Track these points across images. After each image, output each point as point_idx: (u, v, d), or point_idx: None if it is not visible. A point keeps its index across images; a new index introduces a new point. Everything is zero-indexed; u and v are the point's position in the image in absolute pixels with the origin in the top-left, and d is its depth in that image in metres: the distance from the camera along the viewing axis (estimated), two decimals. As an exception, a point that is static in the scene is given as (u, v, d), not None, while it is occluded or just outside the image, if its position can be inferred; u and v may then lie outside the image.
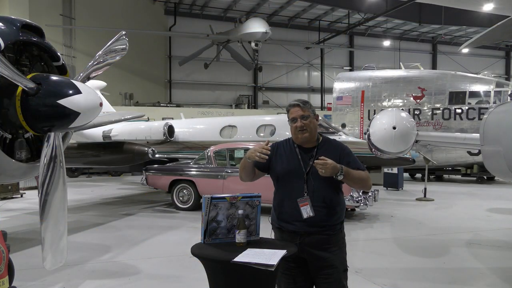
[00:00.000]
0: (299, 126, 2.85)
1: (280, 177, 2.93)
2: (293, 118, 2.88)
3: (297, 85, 28.30)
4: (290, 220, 2.83)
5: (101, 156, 9.42)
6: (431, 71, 17.83)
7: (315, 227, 2.78)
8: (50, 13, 19.19)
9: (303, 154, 2.88)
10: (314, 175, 2.79)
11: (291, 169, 2.86)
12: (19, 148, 3.03)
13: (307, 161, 2.85)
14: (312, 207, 2.76)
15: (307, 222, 2.77)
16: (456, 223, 8.30)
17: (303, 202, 2.77)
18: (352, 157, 2.90)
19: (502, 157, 4.34)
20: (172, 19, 25.04)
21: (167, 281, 4.90)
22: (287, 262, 2.81)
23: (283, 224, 2.88)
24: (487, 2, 8.70)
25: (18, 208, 9.64)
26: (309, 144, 2.90)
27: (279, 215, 2.91)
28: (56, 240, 3.01)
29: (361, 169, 2.85)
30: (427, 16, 23.70)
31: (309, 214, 2.75)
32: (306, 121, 2.85)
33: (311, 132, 2.88)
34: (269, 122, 11.55)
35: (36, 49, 3.17)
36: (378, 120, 6.86)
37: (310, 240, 2.79)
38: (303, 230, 2.79)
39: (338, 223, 2.87)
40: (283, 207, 2.89)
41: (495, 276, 5.22)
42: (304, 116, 2.86)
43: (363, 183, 2.88)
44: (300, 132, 2.85)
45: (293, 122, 2.89)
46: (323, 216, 2.78)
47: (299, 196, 2.79)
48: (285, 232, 2.87)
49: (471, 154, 14.01)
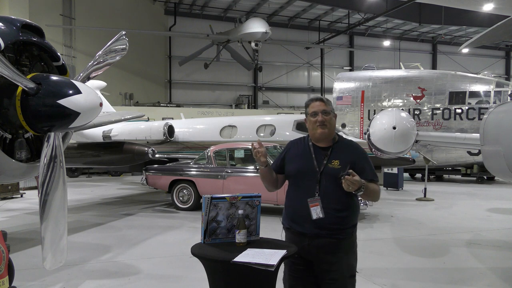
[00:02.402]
0: (319, 121, 2.75)
1: (292, 176, 2.85)
2: (314, 112, 2.79)
3: (297, 85, 28.30)
4: (299, 220, 2.75)
5: (101, 156, 9.41)
6: (431, 71, 17.82)
7: (324, 230, 2.68)
8: (50, 13, 19.20)
9: (317, 153, 2.78)
10: (327, 175, 2.70)
11: (304, 168, 2.78)
12: (19, 148, 3.03)
13: (321, 160, 2.75)
14: (323, 209, 2.66)
15: (316, 224, 2.67)
16: (456, 223, 8.30)
17: (314, 203, 2.68)
18: (368, 163, 2.79)
19: (502, 157, 4.34)
20: (172, 19, 25.04)
21: (167, 281, 4.90)
22: (294, 264, 2.77)
23: (292, 224, 2.80)
24: (487, 2, 8.69)
25: (18, 208, 9.64)
26: (325, 143, 2.80)
27: (289, 215, 2.84)
28: (56, 240, 3.01)
29: (374, 180, 2.75)
30: (427, 16, 23.71)
31: (318, 216, 2.66)
32: (327, 116, 2.76)
33: (330, 129, 2.78)
34: (269, 122, 11.55)
35: (36, 49, 3.17)
36: (378, 120, 6.86)
37: (319, 243, 2.69)
38: (312, 232, 2.70)
39: (349, 227, 2.74)
40: (293, 207, 2.81)
41: (495, 276, 5.22)
42: (326, 111, 2.77)
43: (374, 197, 2.78)
44: (320, 127, 2.75)
45: (313, 116, 2.79)
46: (333, 218, 2.68)
47: (310, 196, 2.69)
48: (294, 233, 2.79)
49: (471, 154, 14.02)
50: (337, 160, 2.73)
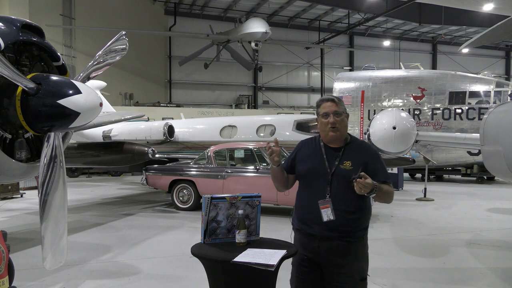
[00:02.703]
0: (331, 122, 2.67)
1: (303, 176, 2.79)
2: (325, 113, 2.70)
3: (297, 85, 28.31)
4: (309, 222, 2.69)
5: (101, 156, 9.40)
6: (431, 71, 17.83)
7: (335, 232, 2.62)
8: (50, 13, 19.21)
9: (329, 154, 2.71)
10: (338, 177, 2.64)
11: (315, 169, 2.71)
12: (19, 148, 3.03)
13: (332, 161, 2.68)
14: (334, 211, 2.60)
15: (327, 226, 2.61)
16: (456, 223, 8.30)
17: (325, 205, 2.61)
18: (381, 164, 2.72)
19: (502, 157, 4.34)
20: (172, 19, 25.05)
21: (167, 281, 4.90)
22: (302, 265, 2.74)
23: (302, 226, 2.75)
24: (487, 2, 8.69)
25: (18, 208, 9.64)
26: (337, 144, 2.73)
27: (299, 216, 2.78)
28: (56, 240, 3.01)
29: (388, 182, 2.68)
30: (427, 16, 23.71)
31: (329, 218, 2.60)
32: (338, 118, 2.68)
33: (342, 131, 2.70)
34: (269, 122, 11.55)
35: (36, 49, 3.17)
36: (378, 120, 6.87)
37: (329, 246, 2.64)
38: (322, 234, 2.64)
39: (360, 230, 2.69)
40: (304, 208, 2.75)
41: (495, 276, 5.22)
42: (337, 112, 2.69)
43: (387, 199, 2.68)
44: (331, 129, 2.68)
45: (324, 118, 2.71)
46: (344, 220, 2.62)
47: (321, 198, 2.63)
48: (304, 235, 2.73)
49: (471, 154, 14.02)
50: (349, 161, 2.67)
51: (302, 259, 2.74)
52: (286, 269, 2.81)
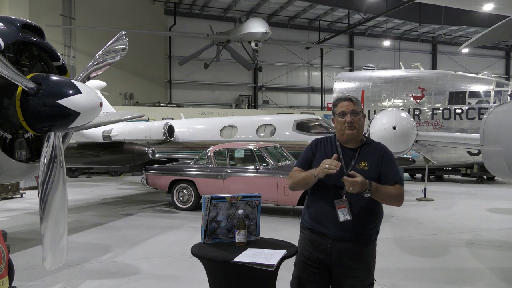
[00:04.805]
0: (348, 122, 2.66)
1: None
2: (343, 112, 2.69)
3: (297, 85, 28.31)
4: (324, 222, 2.67)
5: (101, 156, 9.41)
6: (431, 71, 17.82)
7: (349, 233, 2.62)
8: (50, 13, 19.21)
9: (345, 154, 2.70)
10: None
11: None
12: (19, 148, 3.03)
13: (348, 161, 2.67)
14: (350, 211, 2.59)
15: (342, 226, 2.60)
16: (456, 223, 8.30)
17: (341, 204, 2.60)
18: (392, 165, 2.69)
19: (502, 157, 4.34)
20: (172, 19, 25.04)
21: (167, 281, 4.90)
22: (308, 266, 2.71)
23: (315, 225, 2.72)
24: (487, 2, 8.70)
25: (18, 208, 9.64)
26: (352, 144, 2.73)
27: (312, 215, 2.75)
28: (56, 240, 3.01)
29: (399, 183, 2.64)
30: (427, 16, 23.71)
31: (346, 218, 2.58)
32: (356, 117, 2.67)
33: (359, 130, 2.69)
34: (269, 122, 11.54)
35: (36, 49, 3.17)
36: (378, 120, 6.88)
37: (342, 247, 2.63)
38: (336, 234, 2.63)
39: (373, 233, 2.71)
40: (318, 208, 2.72)
41: (495, 276, 5.22)
42: (355, 111, 2.68)
43: (390, 200, 2.63)
44: (349, 128, 2.66)
45: (341, 117, 2.69)
46: (360, 222, 2.62)
47: (337, 197, 2.62)
48: (316, 234, 2.70)
49: (471, 154, 14.01)
50: (365, 161, 2.66)
51: (310, 259, 2.71)
52: (286, 269, 2.81)
